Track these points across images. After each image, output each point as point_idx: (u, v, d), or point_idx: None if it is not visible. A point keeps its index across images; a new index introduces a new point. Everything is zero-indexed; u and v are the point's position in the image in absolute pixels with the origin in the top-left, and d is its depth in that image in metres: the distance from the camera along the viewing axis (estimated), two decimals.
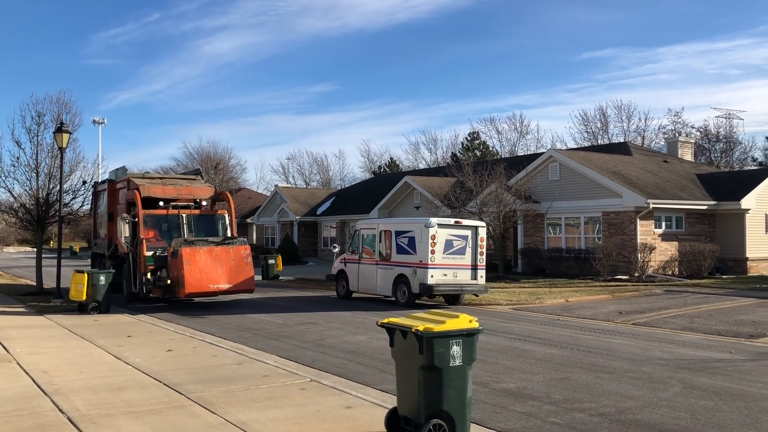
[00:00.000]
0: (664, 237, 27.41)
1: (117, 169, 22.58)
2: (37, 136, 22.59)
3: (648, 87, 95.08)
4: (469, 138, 70.23)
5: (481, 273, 18.63)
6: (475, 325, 6.51)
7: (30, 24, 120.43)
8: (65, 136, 20.14)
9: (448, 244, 18.18)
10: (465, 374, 6.39)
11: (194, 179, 22.84)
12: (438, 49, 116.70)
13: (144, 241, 18.70)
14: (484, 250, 18.82)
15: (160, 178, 22.10)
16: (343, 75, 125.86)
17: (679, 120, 54.71)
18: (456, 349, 6.34)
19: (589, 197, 27.98)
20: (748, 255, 28.34)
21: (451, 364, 6.29)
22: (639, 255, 25.62)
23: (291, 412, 7.57)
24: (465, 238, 18.45)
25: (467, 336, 6.41)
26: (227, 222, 20.76)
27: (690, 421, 7.35)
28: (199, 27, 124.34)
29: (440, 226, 18.22)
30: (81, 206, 24.53)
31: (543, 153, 33.84)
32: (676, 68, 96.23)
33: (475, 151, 67.37)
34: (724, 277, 26.86)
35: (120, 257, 20.98)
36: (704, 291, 21.74)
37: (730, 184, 29.98)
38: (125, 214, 19.58)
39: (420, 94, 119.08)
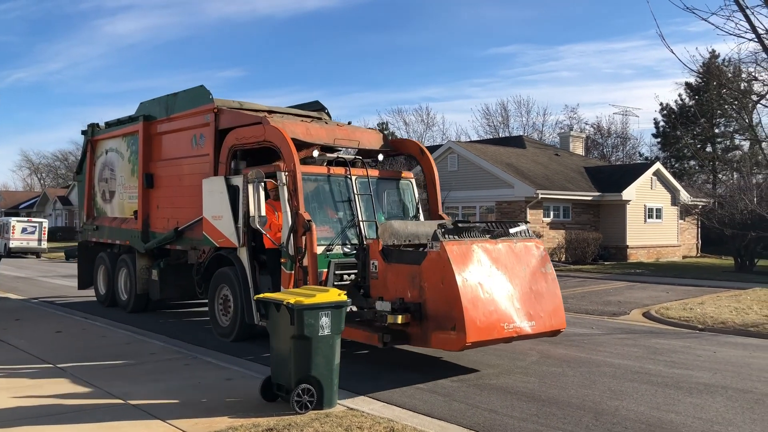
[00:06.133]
0: (552, 225, 29.14)
1: (176, 94, 12.98)
2: None
3: (550, 83, 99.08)
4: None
5: (44, 244, 40.14)
6: (344, 298, 7.12)
7: None
8: None
9: (24, 230, 39.39)
10: (333, 343, 6.99)
11: (320, 118, 13.22)
12: (348, 38, 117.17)
13: (312, 225, 9.55)
14: (46, 233, 40.22)
15: (269, 112, 12.21)
16: (253, 61, 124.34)
17: (575, 116, 57.87)
18: (325, 320, 6.93)
19: (485, 187, 29.33)
20: (628, 243, 30.58)
21: (320, 334, 6.87)
22: None
23: (173, 384, 7.95)
24: (35, 226, 39.84)
25: (335, 308, 7.01)
26: (414, 194, 12.14)
27: (537, 384, 8.27)
28: (99, 6, 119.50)
29: (18, 221, 40.33)
30: None
31: (443, 144, 35.02)
32: (576, 66, 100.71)
33: None
34: (606, 263, 28.87)
35: (206, 254, 11.78)
36: (584, 275, 23.40)
37: (614, 177, 32.16)
38: (258, 170, 10.02)
39: (330, 83, 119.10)
